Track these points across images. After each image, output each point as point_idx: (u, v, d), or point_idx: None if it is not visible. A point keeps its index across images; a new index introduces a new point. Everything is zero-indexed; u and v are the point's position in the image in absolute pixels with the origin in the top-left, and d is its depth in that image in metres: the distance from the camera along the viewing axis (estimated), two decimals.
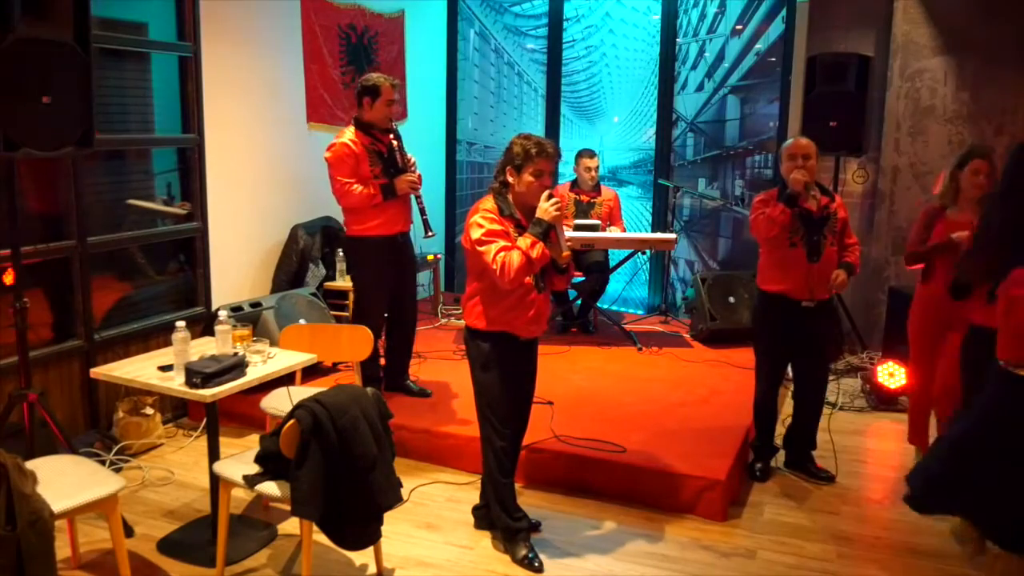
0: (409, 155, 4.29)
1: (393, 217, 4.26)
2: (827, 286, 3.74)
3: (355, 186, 4.12)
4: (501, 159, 3.07)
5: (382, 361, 4.70)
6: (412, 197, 4.33)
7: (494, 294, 3.04)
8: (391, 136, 4.26)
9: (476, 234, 2.97)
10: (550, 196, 2.99)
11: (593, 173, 5.79)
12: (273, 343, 3.46)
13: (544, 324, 3.21)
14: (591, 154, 5.80)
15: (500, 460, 3.19)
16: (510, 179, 3.03)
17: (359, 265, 4.40)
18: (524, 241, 2.94)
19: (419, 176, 4.31)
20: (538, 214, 2.97)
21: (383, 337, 4.60)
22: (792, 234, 3.69)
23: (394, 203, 4.23)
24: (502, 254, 2.91)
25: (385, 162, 4.23)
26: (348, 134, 4.19)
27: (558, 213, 2.97)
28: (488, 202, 3.05)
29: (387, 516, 2.93)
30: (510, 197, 3.06)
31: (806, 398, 3.98)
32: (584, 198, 5.80)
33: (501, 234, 2.96)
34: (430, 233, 4.30)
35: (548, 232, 2.96)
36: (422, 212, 4.31)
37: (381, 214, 4.22)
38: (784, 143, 3.83)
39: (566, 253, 3.03)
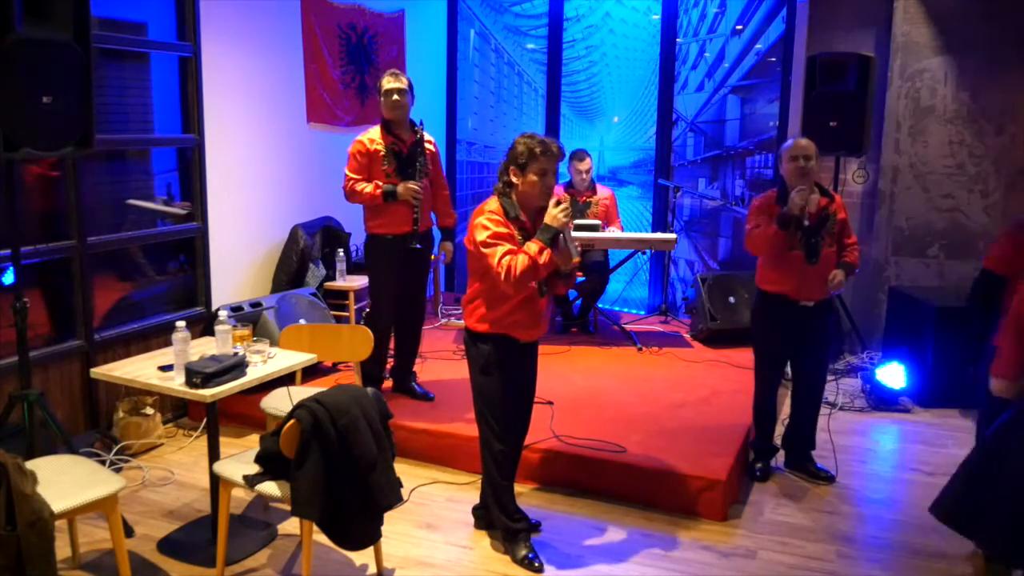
0: (427, 164, 4.27)
1: (403, 216, 4.24)
2: (825, 286, 3.74)
3: (359, 184, 4.14)
4: (505, 159, 3.05)
5: (391, 362, 4.69)
6: (427, 195, 4.31)
7: (495, 296, 3.03)
8: (413, 136, 4.22)
9: (481, 236, 2.95)
10: (559, 202, 2.97)
11: (584, 175, 5.77)
12: (273, 343, 3.46)
13: (545, 327, 3.21)
14: (581, 156, 5.78)
15: (499, 463, 3.18)
16: (514, 179, 3.01)
17: (371, 263, 4.41)
18: (532, 247, 2.92)
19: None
20: (547, 220, 2.95)
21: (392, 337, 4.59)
22: (791, 234, 3.69)
23: (402, 204, 4.21)
24: (508, 257, 2.89)
25: (401, 162, 4.21)
26: (370, 132, 4.21)
27: (567, 219, 2.96)
28: (493, 203, 3.04)
29: (387, 516, 2.93)
30: (514, 198, 3.05)
31: (804, 398, 3.98)
32: (580, 198, 5.80)
33: (506, 237, 2.95)
34: (415, 245, 4.29)
35: (556, 238, 2.95)
36: (413, 223, 4.25)
37: (390, 213, 4.21)
38: (784, 144, 3.82)
39: (576, 259, 3.02)
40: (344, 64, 5.75)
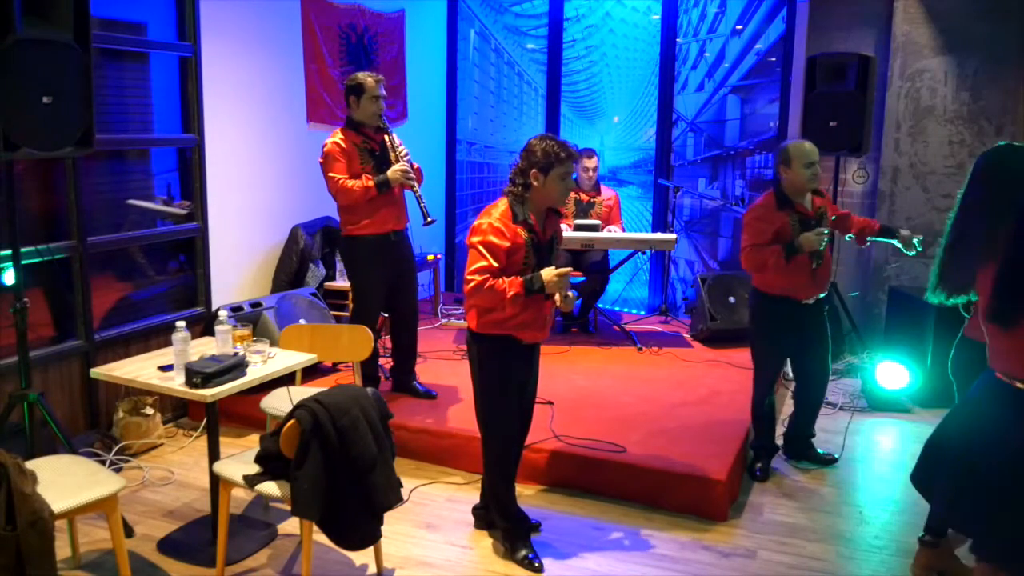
0: (402, 147, 4.27)
1: (385, 215, 4.25)
2: (826, 283, 3.82)
3: (348, 182, 4.12)
4: (521, 162, 3.03)
5: (382, 362, 4.71)
6: (408, 192, 4.32)
7: None
8: (384, 135, 4.26)
9: (475, 239, 2.98)
10: (564, 276, 2.97)
11: (591, 173, 5.78)
12: (273, 343, 3.46)
13: (548, 330, 3.21)
14: (590, 154, 5.79)
15: (500, 463, 3.19)
16: (535, 182, 3.00)
17: (354, 265, 4.40)
18: (513, 286, 2.92)
19: (418, 169, 4.29)
20: (546, 278, 2.95)
21: (383, 337, 4.60)
22: (793, 239, 3.70)
23: (385, 201, 4.21)
24: (481, 276, 2.92)
25: (377, 159, 4.23)
26: (337, 134, 4.21)
27: (559, 289, 2.98)
28: (502, 205, 3.04)
29: (387, 516, 2.93)
30: (528, 199, 3.04)
31: (808, 396, 4.01)
32: (584, 197, 5.80)
33: (499, 250, 2.95)
34: (429, 219, 4.24)
35: (538, 293, 2.97)
36: (419, 200, 4.25)
37: (373, 212, 4.21)
38: (789, 145, 3.75)
39: (567, 309, 3.09)
40: (344, 64, 5.75)
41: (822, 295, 3.87)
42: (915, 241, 3.89)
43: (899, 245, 3.96)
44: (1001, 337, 2.42)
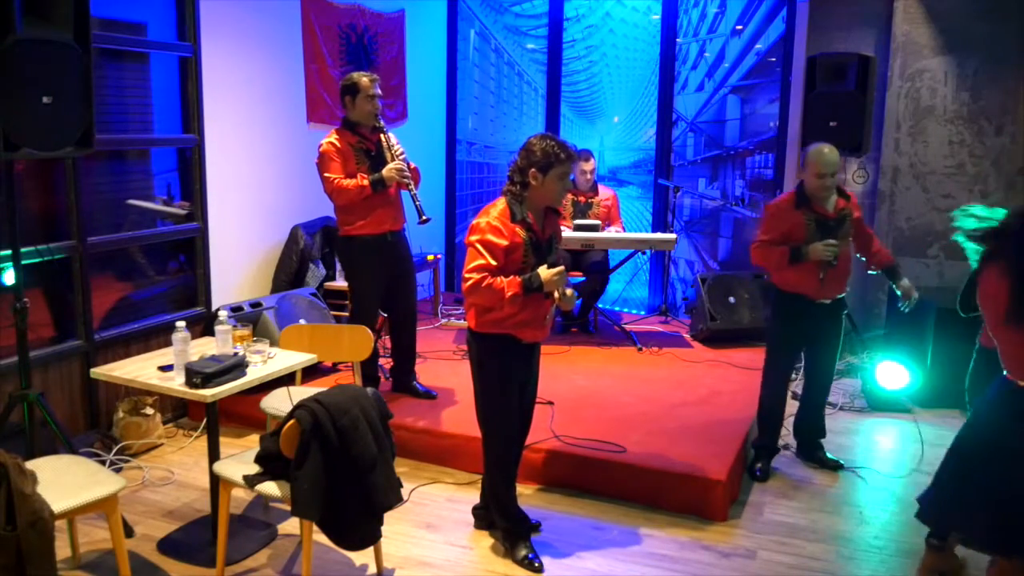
0: (398, 146, 4.25)
1: (381, 216, 4.24)
2: (842, 283, 3.85)
3: (344, 181, 4.11)
4: (520, 161, 3.02)
5: (382, 362, 4.71)
6: (406, 192, 4.31)
7: None
8: (380, 134, 4.25)
9: (473, 237, 2.99)
10: (557, 267, 2.99)
11: (589, 176, 5.79)
12: (273, 343, 3.45)
13: (547, 329, 3.21)
14: (587, 156, 5.79)
15: (500, 463, 3.19)
16: (533, 181, 3.00)
17: (351, 265, 4.40)
18: (512, 285, 2.93)
19: (415, 168, 4.29)
20: (544, 276, 2.96)
21: (382, 337, 4.60)
22: (809, 240, 3.70)
23: (381, 202, 4.21)
24: (479, 274, 2.92)
25: (373, 159, 4.22)
26: (333, 135, 4.21)
27: (558, 287, 2.98)
28: (500, 204, 3.04)
29: (387, 516, 2.93)
30: (526, 198, 3.04)
31: (814, 390, 4.04)
32: (582, 198, 5.80)
33: (498, 249, 2.95)
34: (424, 218, 4.21)
35: (537, 291, 2.98)
36: (414, 199, 4.23)
37: (369, 212, 4.20)
38: (811, 149, 3.76)
39: (567, 306, 3.08)
40: (344, 64, 5.74)
41: (840, 295, 3.89)
42: (913, 298, 3.93)
43: (897, 292, 3.99)
44: (1014, 340, 2.44)
